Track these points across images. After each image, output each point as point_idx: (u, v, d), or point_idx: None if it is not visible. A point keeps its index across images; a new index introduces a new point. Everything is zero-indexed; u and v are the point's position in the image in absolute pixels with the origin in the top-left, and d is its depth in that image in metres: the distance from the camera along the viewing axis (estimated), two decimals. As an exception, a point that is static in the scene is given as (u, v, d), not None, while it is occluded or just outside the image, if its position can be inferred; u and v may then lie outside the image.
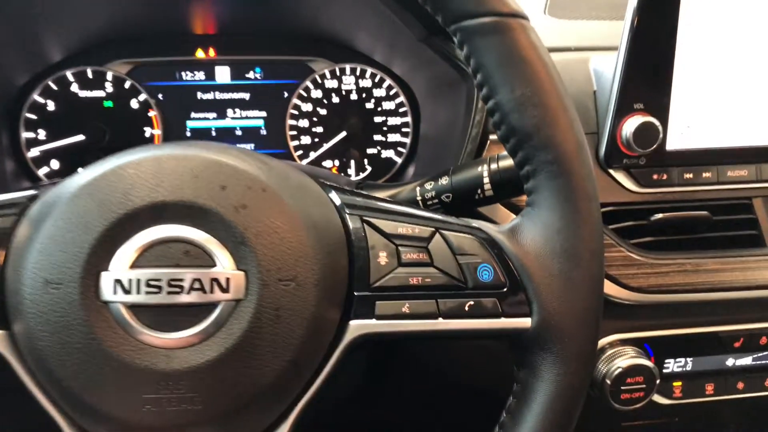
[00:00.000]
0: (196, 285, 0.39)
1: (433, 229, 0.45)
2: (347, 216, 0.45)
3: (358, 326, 0.43)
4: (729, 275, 0.68)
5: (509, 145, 0.45)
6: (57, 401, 0.40)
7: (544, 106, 0.43)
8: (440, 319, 0.43)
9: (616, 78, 0.64)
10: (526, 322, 0.44)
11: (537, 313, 0.43)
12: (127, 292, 0.39)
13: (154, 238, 0.39)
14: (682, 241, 0.69)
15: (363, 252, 0.44)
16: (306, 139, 0.88)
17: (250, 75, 0.87)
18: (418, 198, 0.60)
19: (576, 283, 0.43)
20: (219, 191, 0.40)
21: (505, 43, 0.43)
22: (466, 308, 0.44)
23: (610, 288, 0.66)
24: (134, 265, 0.39)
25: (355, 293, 0.43)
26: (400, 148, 0.90)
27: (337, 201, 0.46)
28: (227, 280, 0.39)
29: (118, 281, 0.39)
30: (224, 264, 0.39)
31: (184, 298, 0.39)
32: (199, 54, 0.86)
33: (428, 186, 0.59)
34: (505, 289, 0.44)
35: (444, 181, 0.58)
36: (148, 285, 0.39)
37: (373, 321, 0.43)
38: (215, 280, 0.39)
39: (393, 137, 0.89)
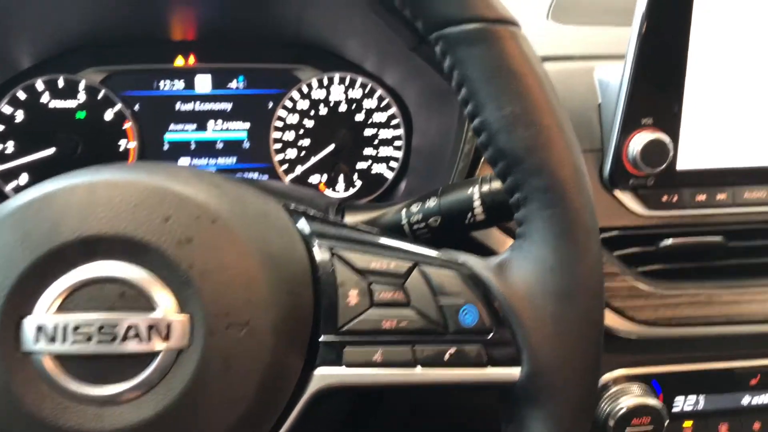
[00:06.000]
0: (132, 332, 0.35)
1: (411, 263, 0.41)
2: (315, 248, 0.41)
3: (323, 376, 0.39)
4: (746, 307, 0.63)
5: (497, 169, 0.41)
6: None
7: (537, 126, 0.39)
8: (417, 368, 0.40)
9: (622, 90, 0.60)
10: (514, 373, 0.40)
11: (527, 363, 0.39)
12: (51, 340, 0.35)
13: (85, 277, 0.36)
14: (694, 269, 0.65)
15: (331, 289, 0.40)
16: (292, 153, 0.85)
17: (233, 84, 0.84)
18: (404, 222, 0.56)
19: (571, 328, 0.39)
20: (161, 223, 0.37)
21: (492, 54, 0.39)
22: (447, 356, 0.40)
23: (614, 321, 0.62)
24: (61, 309, 0.35)
25: (321, 338, 0.39)
26: (392, 163, 0.87)
27: (306, 230, 0.42)
28: (168, 326, 0.36)
29: (41, 328, 0.35)
30: (166, 307, 0.36)
31: (118, 348, 0.35)
32: (178, 62, 0.83)
33: (415, 208, 0.55)
34: (490, 335, 0.40)
35: (432, 203, 0.54)
36: (77, 332, 0.35)
37: (342, 369, 0.39)
38: (154, 326, 0.35)
39: (384, 151, 0.86)
